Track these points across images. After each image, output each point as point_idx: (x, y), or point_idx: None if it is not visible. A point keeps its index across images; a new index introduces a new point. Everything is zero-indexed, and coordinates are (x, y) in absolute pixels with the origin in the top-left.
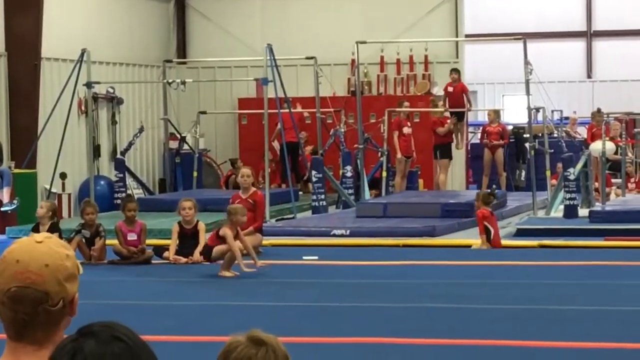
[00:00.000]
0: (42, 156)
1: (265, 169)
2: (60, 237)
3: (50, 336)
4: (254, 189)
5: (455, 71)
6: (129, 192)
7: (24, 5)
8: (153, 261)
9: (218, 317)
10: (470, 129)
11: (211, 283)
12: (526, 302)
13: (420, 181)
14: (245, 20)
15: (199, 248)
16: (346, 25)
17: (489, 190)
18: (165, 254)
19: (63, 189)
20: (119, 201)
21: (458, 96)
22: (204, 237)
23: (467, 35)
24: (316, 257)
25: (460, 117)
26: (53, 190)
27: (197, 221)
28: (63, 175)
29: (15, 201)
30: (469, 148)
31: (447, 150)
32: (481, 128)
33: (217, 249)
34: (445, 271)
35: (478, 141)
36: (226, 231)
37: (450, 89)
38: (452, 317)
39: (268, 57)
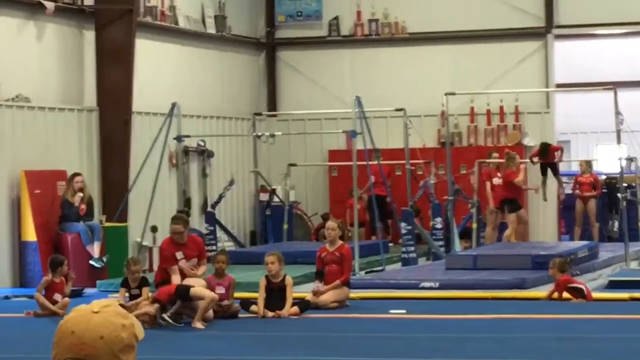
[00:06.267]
0: (133, 209)
1: (355, 221)
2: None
3: None
4: (340, 242)
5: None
6: (219, 245)
7: (115, 61)
8: (240, 315)
9: None
10: (563, 179)
11: (299, 338)
12: (617, 356)
13: None
14: (335, 72)
15: (288, 304)
16: (436, 76)
17: (565, 258)
18: (253, 307)
19: (154, 242)
20: (210, 254)
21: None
22: (291, 292)
23: (558, 85)
24: (404, 311)
25: (553, 170)
26: (144, 243)
27: (285, 275)
28: (154, 229)
29: (104, 258)
30: (561, 199)
31: (516, 204)
32: (573, 178)
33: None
34: (536, 324)
35: (570, 191)
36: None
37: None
38: None
39: (357, 109)
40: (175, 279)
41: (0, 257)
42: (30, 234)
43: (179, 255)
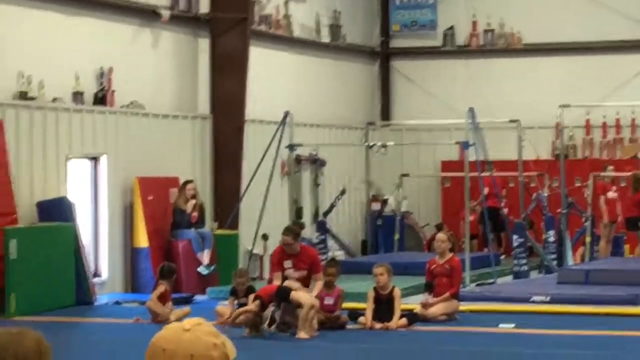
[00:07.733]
0: (244, 217)
1: (466, 233)
2: None
3: None
4: (450, 254)
5: None
6: (330, 254)
7: (230, 69)
8: (347, 326)
9: None
10: None
11: (406, 351)
12: None
13: (626, 247)
14: (449, 82)
15: (396, 316)
16: (551, 88)
17: None
18: (361, 319)
19: (264, 251)
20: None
21: None
22: (399, 304)
23: None
24: (513, 325)
25: None
26: (255, 251)
27: (393, 287)
28: (265, 237)
29: (212, 267)
30: None
31: None
32: None
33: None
34: None
35: None
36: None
37: None
38: None
39: (470, 120)
40: (276, 283)
41: (113, 262)
42: (143, 241)
43: (287, 264)
